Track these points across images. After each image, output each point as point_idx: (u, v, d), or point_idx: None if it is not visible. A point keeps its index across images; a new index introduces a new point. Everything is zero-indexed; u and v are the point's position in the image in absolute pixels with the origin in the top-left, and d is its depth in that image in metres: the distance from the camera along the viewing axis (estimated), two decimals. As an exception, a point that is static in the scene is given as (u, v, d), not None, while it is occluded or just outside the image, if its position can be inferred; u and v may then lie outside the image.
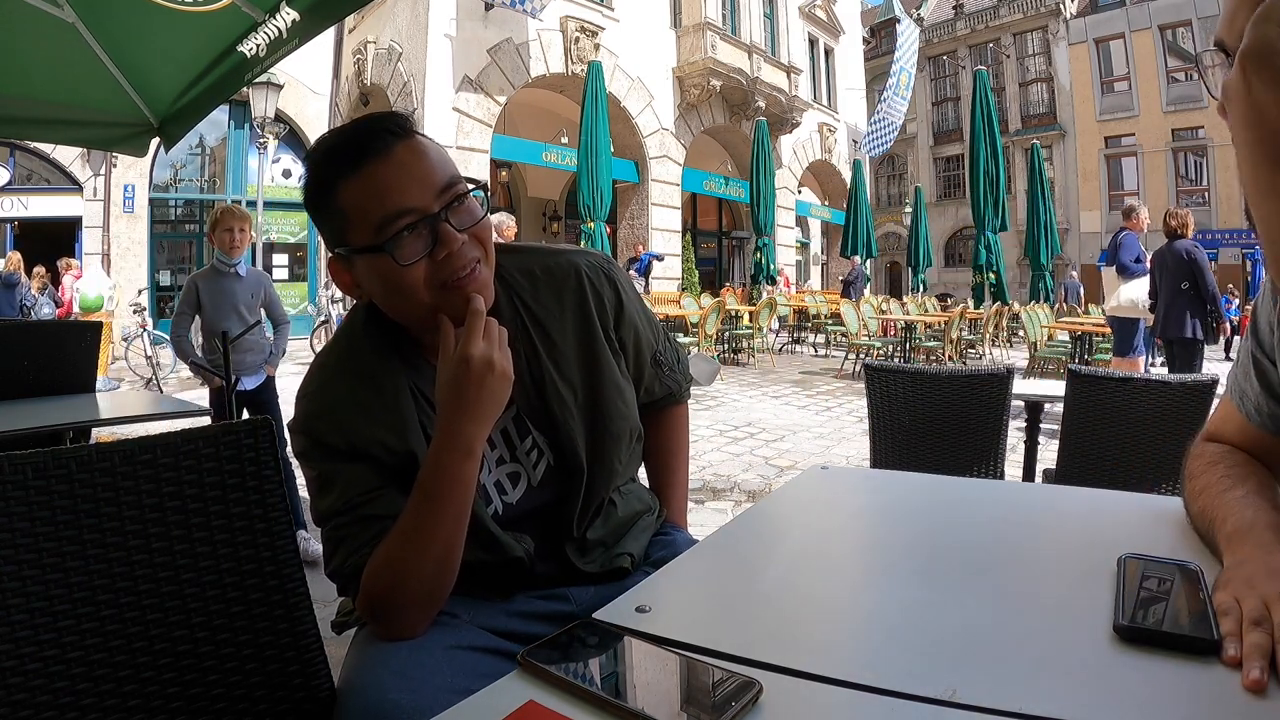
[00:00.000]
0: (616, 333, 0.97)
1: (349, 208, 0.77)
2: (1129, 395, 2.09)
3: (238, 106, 11.46)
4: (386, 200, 0.75)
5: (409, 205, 0.76)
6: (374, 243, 0.76)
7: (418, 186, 0.76)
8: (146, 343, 7.62)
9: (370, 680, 0.77)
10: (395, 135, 0.77)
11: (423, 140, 0.80)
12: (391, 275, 0.77)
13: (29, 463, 0.76)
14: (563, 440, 0.89)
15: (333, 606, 0.95)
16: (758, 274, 12.20)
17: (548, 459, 0.90)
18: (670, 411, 1.12)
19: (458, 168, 0.82)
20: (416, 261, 0.77)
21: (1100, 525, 0.82)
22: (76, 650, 0.76)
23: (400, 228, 0.76)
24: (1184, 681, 0.50)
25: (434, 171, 0.78)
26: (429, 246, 0.77)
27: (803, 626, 0.61)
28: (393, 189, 0.76)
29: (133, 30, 2.38)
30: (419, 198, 0.76)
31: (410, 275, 0.77)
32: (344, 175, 0.76)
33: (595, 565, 0.93)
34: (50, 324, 6.15)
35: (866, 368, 2.32)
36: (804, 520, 0.91)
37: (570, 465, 0.90)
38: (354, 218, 0.77)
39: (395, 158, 0.76)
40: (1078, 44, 24.55)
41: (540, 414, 0.89)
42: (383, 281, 0.79)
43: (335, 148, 0.78)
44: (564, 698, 0.50)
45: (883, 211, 26.26)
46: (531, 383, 0.89)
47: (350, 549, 0.80)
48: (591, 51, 12.75)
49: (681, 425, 1.13)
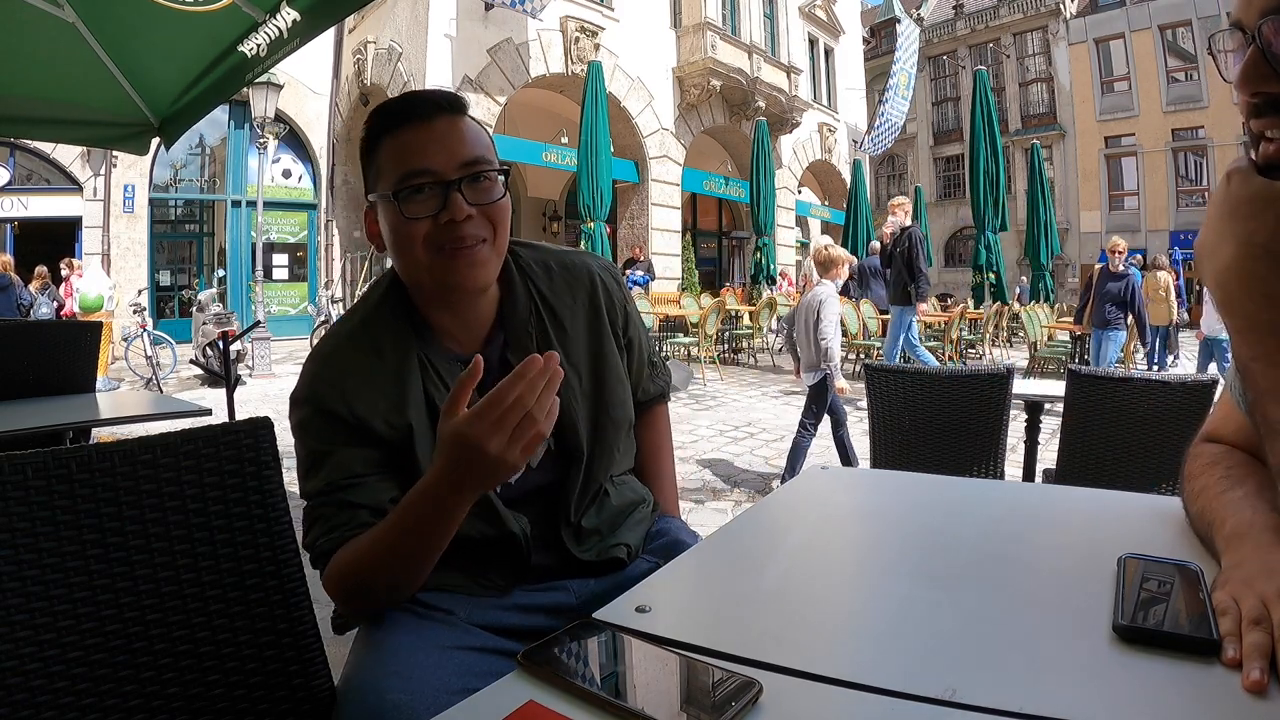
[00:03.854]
0: (625, 332, 1.03)
1: (384, 159, 0.85)
2: (1129, 395, 2.09)
3: (238, 106, 11.45)
4: (411, 158, 0.83)
5: (428, 167, 0.83)
6: (390, 187, 0.83)
7: (444, 154, 0.83)
8: (146, 343, 7.61)
9: (369, 682, 0.77)
10: (443, 109, 0.85)
11: (467, 120, 0.87)
12: (398, 227, 0.84)
13: (29, 463, 0.76)
14: (565, 423, 0.90)
15: (332, 606, 0.95)
16: (758, 274, 12.19)
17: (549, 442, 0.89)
18: (656, 409, 1.17)
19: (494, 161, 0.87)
20: (421, 219, 0.83)
21: (1100, 525, 0.82)
22: (77, 650, 0.76)
23: (416, 184, 0.83)
24: (1184, 681, 0.50)
25: (463, 146, 0.85)
26: (436, 209, 0.83)
27: (803, 626, 0.61)
28: (420, 150, 0.83)
29: (133, 30, 2.38)
30: (441, 164, 0.83)
31: (413, 230, 0.83)
32: (389, 130, 0.85)
33: (591, 553, 0.94)
34: (50, 324, 6.15)
35: (866, 368, 2.32)
36: (804, 520, 0.91)
37: (570, 447, 0.93)
38: (384, 169, 0.85)
39: (434, 126, 0.84)
40: (1078, 44, 24.54)
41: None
42: (391, 231, 0.85)
43: (391, 107, 0.86)
44: (564, 698, 0.50)
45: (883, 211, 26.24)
46: None
47: (325, 529, 0.83)
48: (591, 51, 12.75)
49: (665, 421, 1.19)
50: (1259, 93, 0.57)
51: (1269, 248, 0.55)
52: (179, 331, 9.19)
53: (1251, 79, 0.56)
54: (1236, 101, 0.59)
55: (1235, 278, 0.57)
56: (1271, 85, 0.56)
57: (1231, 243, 0.57)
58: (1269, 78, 0.56)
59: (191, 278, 12.82)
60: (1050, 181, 15.35)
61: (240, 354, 7.55)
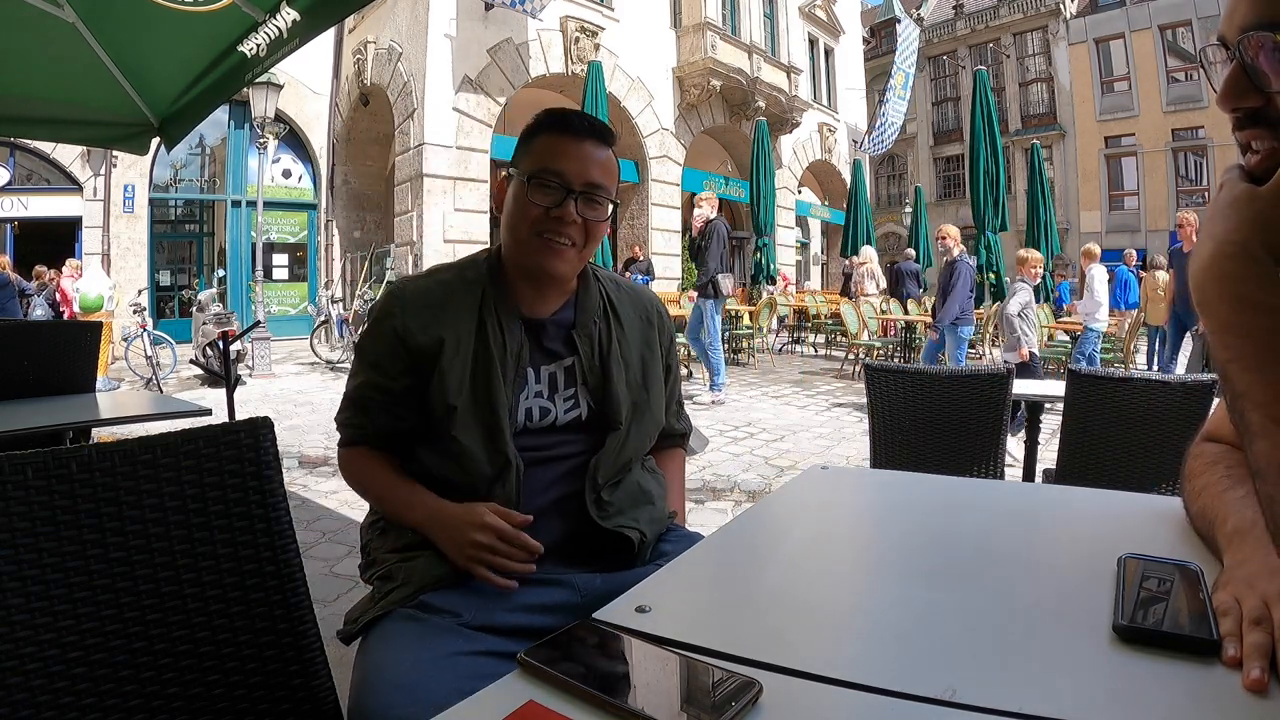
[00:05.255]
0: (667, 358, 1.20)
1: (536, 148, 1.05)
2: (1129, 395, 2.09)
3: (238, 106, 11.45)
4: (556, 159, 1.03)
5: (564, 171, 1.02)
6: (527, 171, 1.03)
7: (579, 169, 1.03)
8: (146, 343, 7.60)
9: (375, 703, 0.80)
10: (597, 136, 1.06)
11: (609, 154, 1.08)
12: (520, 201, 1.04)
13: (29, 463, 0.76)
14: (610, 397, 1.06)
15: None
16: (758, 274, 12.18)
17: (581, 411, 1.06)
18: (676, 451, 1.31)
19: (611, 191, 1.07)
20: (538, 206, 1.02)
21: (1100, 525, 0.82)
22: (77, 650, 0.76)
23: (547, 180, 1.02)
24: (1184, 681, 0.50)
25: (595, 170, 1.04)
26: (552, 205, 1.02)
27: (803, 626, 0.61)
28: (565, 156, 1.03)
29: (133, 30, 2.38)
30: (574, 174, 1.03)
31: (528, 208, 1.02)
32: (551, 130, 1.05)
33: (610, 522, 1.03)
34: (50, 324, 6.15)
35: (866, 368, 2.32)
36: (804, 520, 0.91)
37: (609, 420, 1.06)
38: (534, 154, 1.04)
39: (584, 145, 1.04)
40: (1078, 44, 24.53)
41: (597, 373, 1.07)
42: (514, 201, 1.05)
43: (561, 115, 1.07)
44: (564, 698, 0.50)
45: (883, 211, 26.23)
46: (597, 348, 1.09)
47: (349, 417, 1.08)
48: (591, 51, 12.74)
49: (680, 461, 1.32)
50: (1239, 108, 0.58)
51: (1243, 246, 0.55)
52: (179, 331, 9.19)
53: (1232, 94, 0.57)
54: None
55: (1210, 277, 0.57)
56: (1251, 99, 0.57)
57: (1209, 242, 0.58)
58: (1249, 92, 0.57)
59: (191, 278, 12.82)
60: (1050, 181, 15.34)
61: (240, 354, 7.55)
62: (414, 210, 11.40)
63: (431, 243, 11.10)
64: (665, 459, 1.27)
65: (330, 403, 6.27)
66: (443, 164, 11.36)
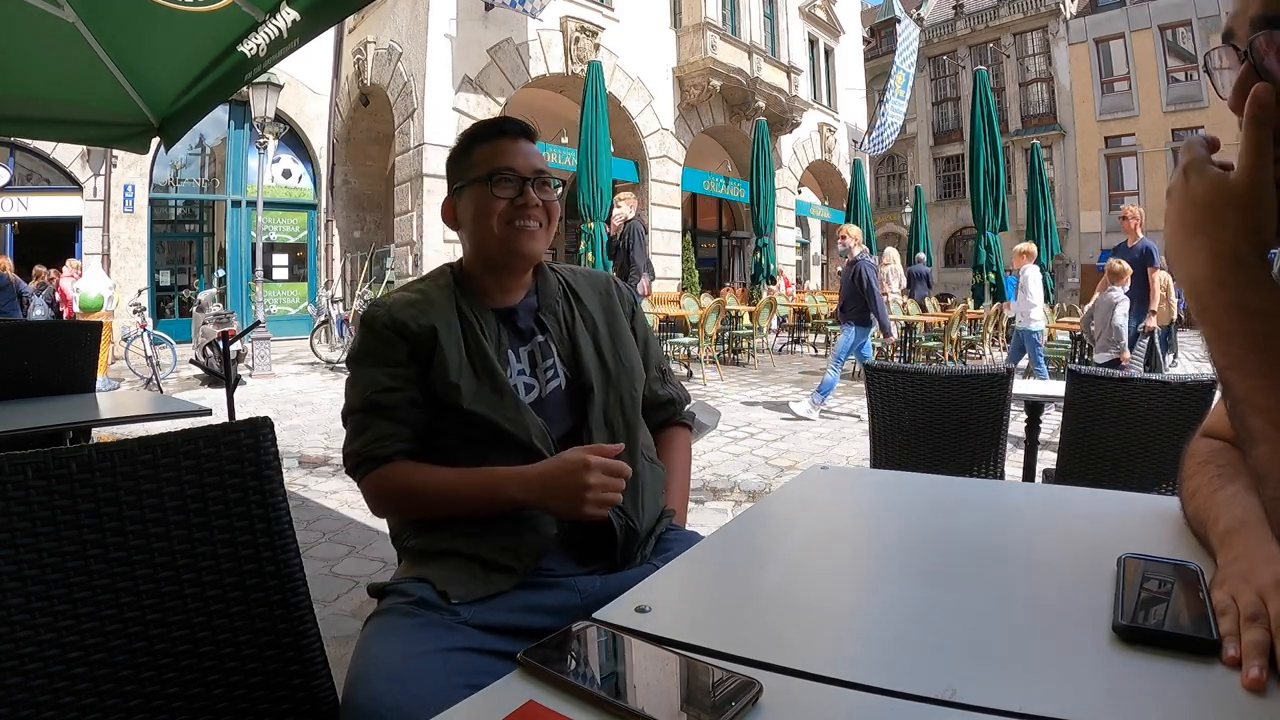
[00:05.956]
0: (633, 322, 1.27)
1: (478, 158, 1.14)
2: (1129, 395, 2.09)
3: (238, 106, 11.45)
4: (503, 159, 1.13)
5: (514, 165, 1.13)
6: (483, 175, 1.12)
7: (525, 162, 1.14)
8: (146, 343, 7.60)
9: (369, 688, 0.81)
10: (525, 134, 1.17)
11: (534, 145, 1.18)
12: (485, 202, 1.11)
13: (29, 463, 0.76)
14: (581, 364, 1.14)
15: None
16: (758, 274, 12.18)
17: (561, 380, 1.14)
18: (674, 430, 1.33)
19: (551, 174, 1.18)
20: (503, 199, 1.11)
21: (1100, 525, 0.82)
22: (77, 650, 0.76)
23: (505, 176, 1.12)
24: (1184, 681, 0.50)
25: (536, 159, 1.16)
26: (514, 195, 1.12)
27: (803, 626, 0.61)
28: (509, 154, 1.14)
29: (133, 30, 2.38)
30: (523, 166, 1.14)
31: (495, 204, 1.11)
32: (487, 139, 1.15)
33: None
34: (50, 324, 6.15)
35: (866, 368, 2.32)
36: (804, 520, 0.91)
37: (583, 383, 1.13)
38: (478, 163, 1.14)
39: (519, 142, 1.16)
40: (1078, 44, 24.53)
41: (567, 344, 1.16)
42: (476, 207, 1.13)
43: (492, 123, 1.18)
44: (564, 698, 0.50)
45: (883, 211, 26.23)
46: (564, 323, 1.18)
47: (371, 438, 1.05)
48: (591, 51, 12.74)
49: (683, 445, 1.33)
50: None
51: (1235, 253, 0.56)
52: (179, 331, 9.19)
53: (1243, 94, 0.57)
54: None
55: (1207, 287, 0.57)
56: None
57: (1202, 253, 0.58)
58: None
59: (191, 278, 12.82)
60: (1050, 181, 15.33)
61: (240, 354, 7.55)
62: (414, 210, 11.40)
63: (431, 243, 11.09)
64: (668, 443, 1.29)
65: (331, 403, 6.27)
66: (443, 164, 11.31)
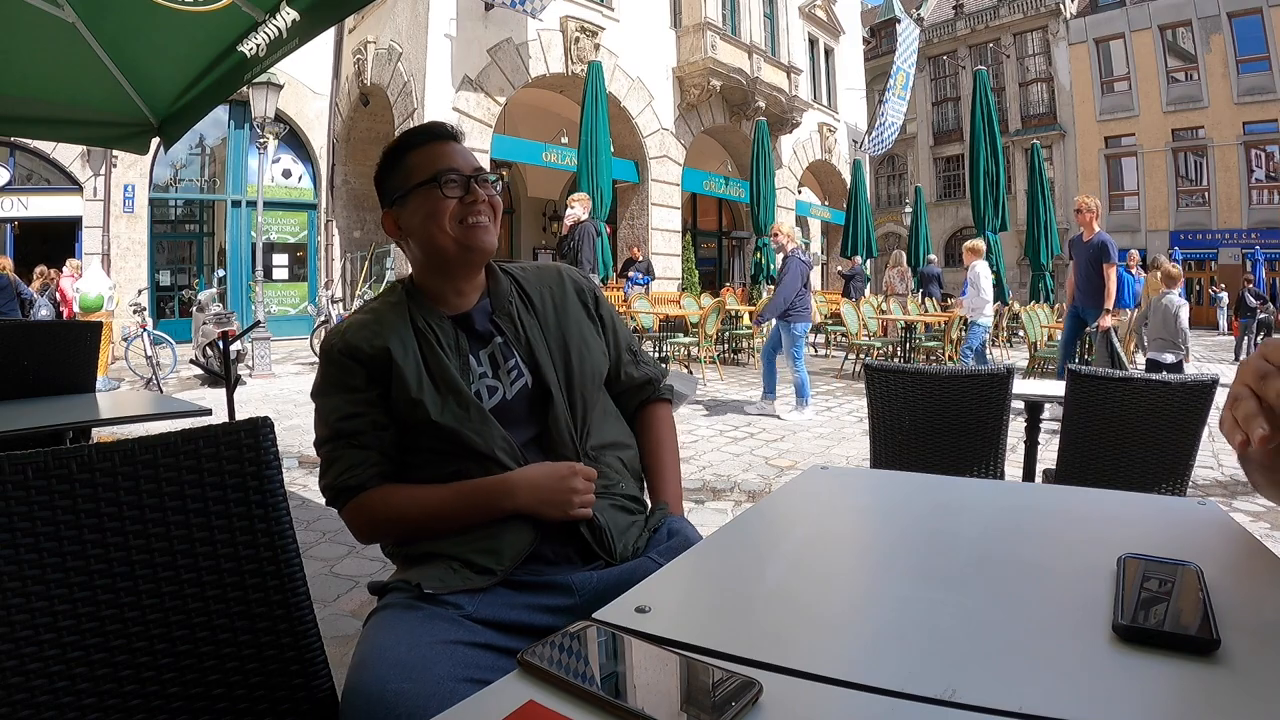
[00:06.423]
0: (597, 309, 1.27)
1: (414, 165, 1.14)
2: (1129, 395, 2.09)
3: (238, 106, 11.46)
4: (441, 161, 1.13)
5: (456, 166, 1.13)
6: (428, 178, 1.11)
7: (463, 161, 1.15)
8: (146, 343, 7.60)
9: (372, 673, 0.82)
10: (451, 137, 1.18)
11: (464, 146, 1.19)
12: (434, 206, 1.11)
13: (29, 463, 0.76)
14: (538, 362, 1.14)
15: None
16: (758, 274, 12.18)
17: (526, 379, 1.14)
18: (656, 409, 1.31)
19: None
20: (452, 199, 1.11)
21: (1100, 525, 0.82)
22: (77, 650, 0.76)
23: (449, 177, 1.11)
24: (1184, 681, 0.50)
25: (471, 159, 1.17)
26: (463, 193, 1.12)
27: (803, 626, 0.61)
28: (446, 156, 1.14)
29: (133, 30, 2.38)
30: (463, 165, 1.14)
31: (446, 206, 1.11)
32: (415, 147, 1.15)
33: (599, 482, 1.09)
34: (50, 324, 6.14)
35: (866, 368, 2.32)
36: (804, 520, 0.91)
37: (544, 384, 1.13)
38: (416, 170, 1.13)
39: (450, 144, 1.16)
40: (1078, 44, 24.52)
41: (523, 344, 1.16)
42: (425, 212, 1.11)
43: (421, 129, 1.17)
44: (564, 698, 0.50)
45: (883, 211, 26.23)
46: (519, 322, 1.17)
47: (343, 468, 1.06)
48: (591, 51, 12.74)
49: (666, 421, 1.32)
50: None
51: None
52: (179, 331, 9.19)
53: None
54: None
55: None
56: None
57: None
58: None
59: (191, 278, 12.82)
60: (1050, 181, 15.33)
61: (240, 354, 7.55)
62: (414, 210, 11.37)
63: (431, 243, 11.08)
64: (651, 420, 1.29)
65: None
66: (443, 164, 11.36)
